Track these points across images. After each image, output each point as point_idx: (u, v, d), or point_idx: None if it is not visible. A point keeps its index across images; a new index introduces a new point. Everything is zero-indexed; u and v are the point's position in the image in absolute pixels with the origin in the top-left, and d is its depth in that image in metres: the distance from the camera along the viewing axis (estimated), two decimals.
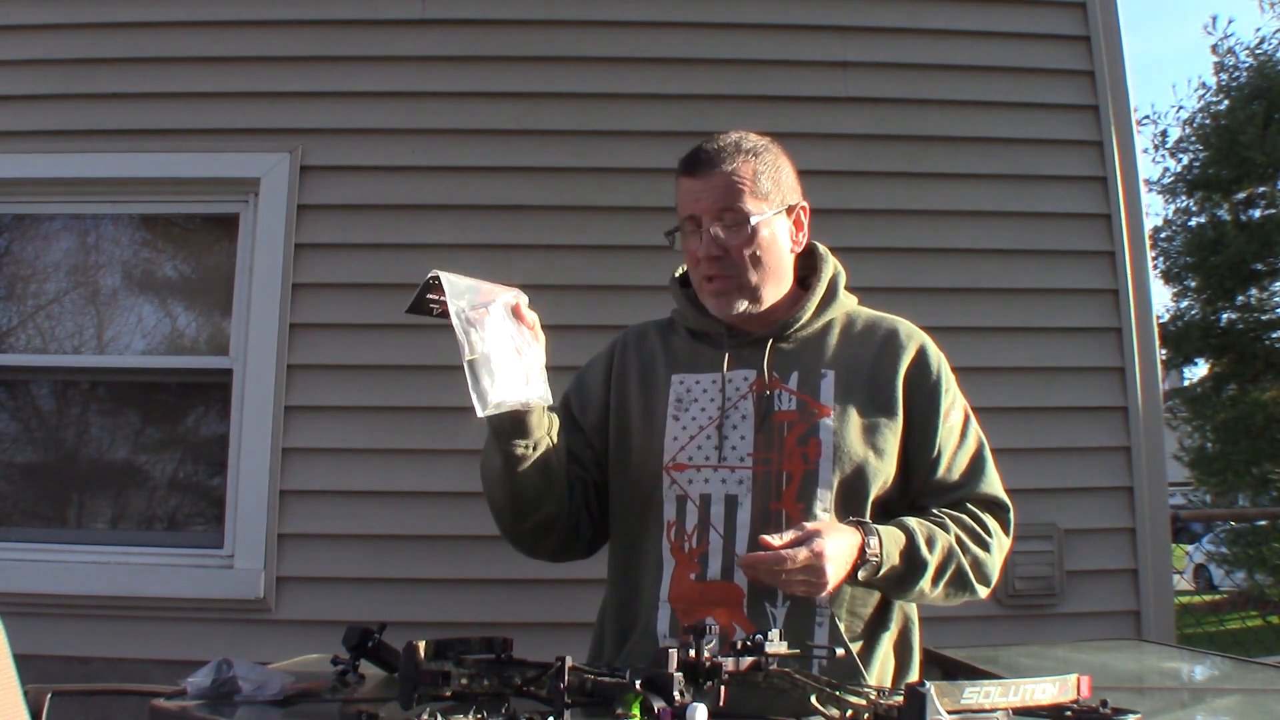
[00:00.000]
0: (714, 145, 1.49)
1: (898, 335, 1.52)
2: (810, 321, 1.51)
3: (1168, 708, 1.54)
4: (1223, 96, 10.55)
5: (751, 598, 1.37)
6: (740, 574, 1.37)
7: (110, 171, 2.99)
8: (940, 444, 1.47)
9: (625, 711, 0.99)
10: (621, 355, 1.59)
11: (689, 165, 1.49)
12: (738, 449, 1.44)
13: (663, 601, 1.42)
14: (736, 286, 1.47)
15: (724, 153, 1.47)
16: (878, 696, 1.05)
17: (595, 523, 1.57)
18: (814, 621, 1.37)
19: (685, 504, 1.44)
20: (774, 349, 1.49)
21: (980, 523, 1.46)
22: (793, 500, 1.40)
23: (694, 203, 1.47)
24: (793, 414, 1.44)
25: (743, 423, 1.45)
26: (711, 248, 1.45)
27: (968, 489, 1.48)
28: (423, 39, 3.05)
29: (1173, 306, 11.00)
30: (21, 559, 2.80)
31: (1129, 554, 2.87)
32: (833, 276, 1.56)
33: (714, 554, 1.40)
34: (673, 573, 1.43)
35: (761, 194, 1.46)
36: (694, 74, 3.06)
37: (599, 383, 1.58)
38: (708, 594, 1.40)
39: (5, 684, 1.69)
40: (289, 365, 2.86)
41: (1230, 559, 9.11)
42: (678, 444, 1.46)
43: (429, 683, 1.16)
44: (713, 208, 1.45)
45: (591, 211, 2.96)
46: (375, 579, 2.76)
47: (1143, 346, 2.95)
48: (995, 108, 3.09)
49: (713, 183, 1.45)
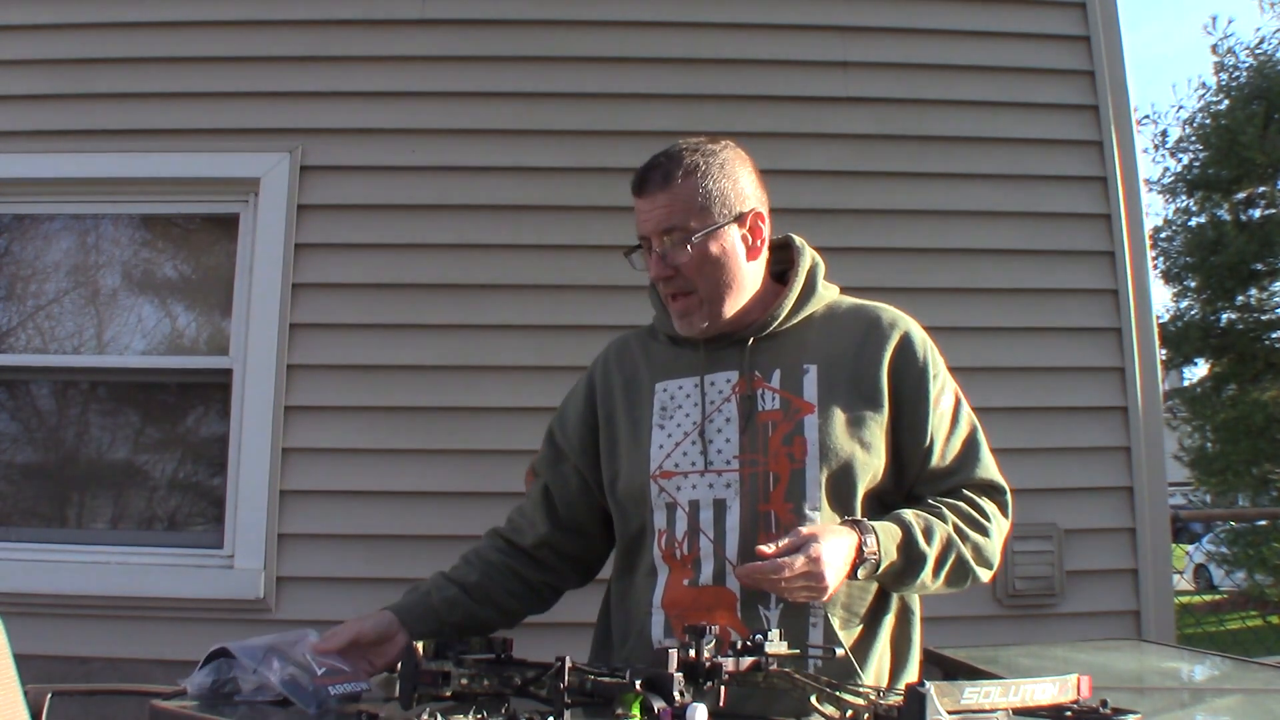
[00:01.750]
0: (657, 161, 1.47)
1: (880, 323, 1.49)
2: (789, 317, 1.49)
3: (1168, 708, 1.54)
4: (1223, 96, 10.55)
5: (744, 601, 1.37)
6: (732, 578, 1.37)
7: (110, 171, 2.99)
8: (932, 432, 1.45)
9: (625, 711, 0.99)
10: (604, 373, 1.58)
11: (635, 185, 1.48)
12: (723, 452, 1.42)
13: (656, 608, 1.42)
14: (696, 304, 1.45)
15: (666, 170, 1.44)
16: (877, 697, 1.05)
17: (610, 538, 1.57)
18: (808, 622, 1.37)
19: (675, 511, 1.43)
20: (754, 347, 1.47)
21: (977, 508, 1.44)
22: (781, 501, 1.39)
23: (641, 222, 1.47)
24: (776, 413, 1.43)
25: (727, 425, 1.43)
26: (661, 268, 1.44)
27: (963, 475, 1.46)
28: (423, 39, 3.05)
29: (1173, 306, 11.02)
30: (21, 559, 2.80)
31: (1129, 554, 2.87)
32: (810, 269, 1.53)
33: (705, 559, 1.39)
34: (666, 579, 1.43)
35: (705, 207, 1.44)
36: (694, 74, 3.07)
37: (579, 410, 1.58)
38: (701, 599, 1.39)
39: (5, 684, 1.69)
40: (289, 365, 2.86)
41: (1230, 559, 9.11)
42: (664, 451, 1.45)
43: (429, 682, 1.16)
44: (657, 229, 1.44)
45: (591, 211, 2.96)
46: (375, 579, 2.76)
47: (1143, 346, 2.95)
48: (995, 108, 3.09)
49: (656, 202, 1.44)
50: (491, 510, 2.72)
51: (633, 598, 1.48)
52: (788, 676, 1.10)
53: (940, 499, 1.44)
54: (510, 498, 1.52)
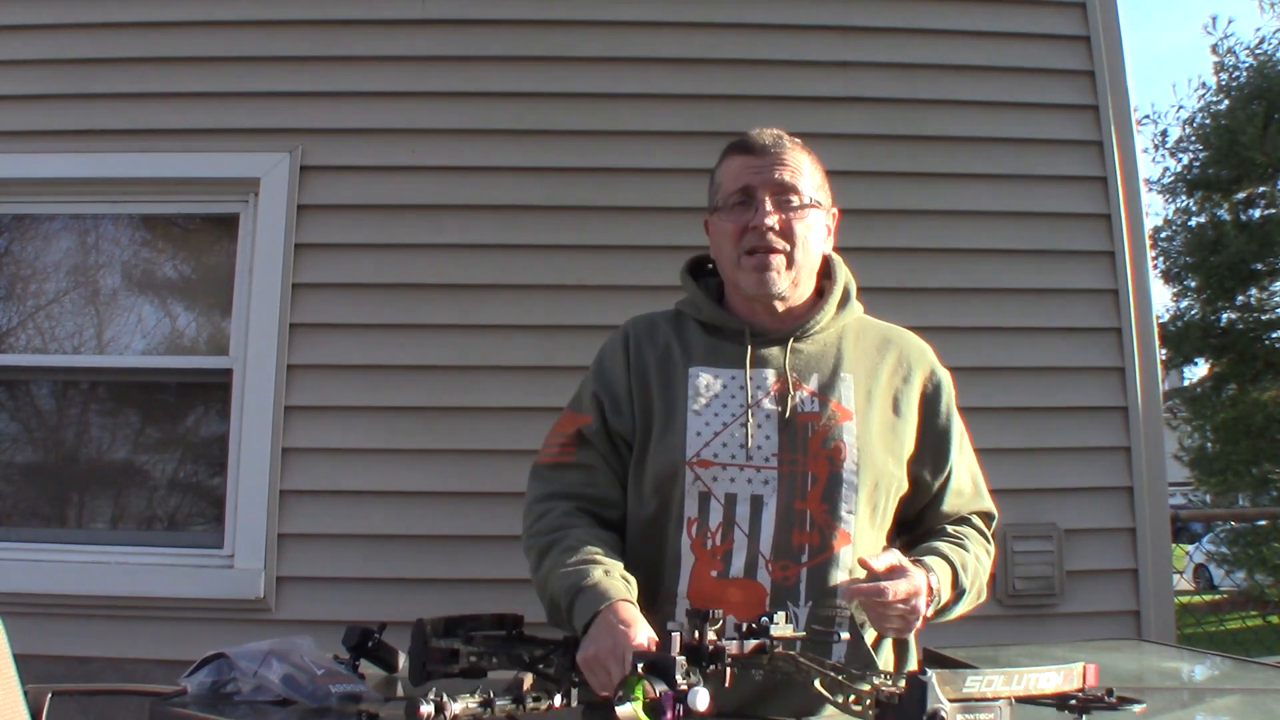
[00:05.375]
0: (773, 132, 1.53)
1: (912, 352, 1.56)
2: (829, 325, 1.54)
3: (1168, 708, 1.54)
4: (1223, 96, 10.53)
5: (774, 597, 1.38)
6: (763, 572, 1.38)
7: (110, 171, 2.99)
8: (952, 465, 1.52)
9: (627, 694, 0.98)
10: (637, 347, 1.55)
11: (744, 145, 1.52)
12: (763, 448, 1.43)
13: (681, 597, 1.42)
14: (784, 264, 1.47)
15: (782, 141, 1.52)
16: (881, 682, 1.05)
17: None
18: (834, 620, 1.39)
19: (709, 500, 1.43)
20: (792, 349, 1.50)
21: (983, 534, 1.54)
22: (817, 501, 1.41)
23: (751, 174, 1.49)
24: (815, 415, 1.45)
25: (766, 422, 1.44)
26: (768, 218, 1.46)
27: (970, 504, 1.56)
28: (423, 39, 3.05)
29: (1173, 306, 11.00)
30: (21, 559, 2.80)
31: (1129, 554, 2.87)
32: (846, 282, 1.59)
33: (738, 551, 1.40)
34: (692, 569, 1.42)
35: (812, 183, 1.51)
36: (694, 74, 3.06)
37: (623, 379, 1.54)
38: (728, 591, 1.39)
39: (5, 684, 1.69)
40: (289, 365, 2.86)
41: (1230, 559, 9.09)
42: (701, 439, 1.45)
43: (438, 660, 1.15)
44: (773, 181, 1.48)
45: (591, 211, 2.96)
46: (375, 579, 2.76)
47: (1143, 346, 2.95)
48: (995, 108, 3.09)
49: (777, 159, 1.49)
50: (491, 510, 2.75)
51: (653, 585, 1.45)
52: (792, 660, 1.10)
53: (958, 529, 1.52)
54: (510, 498, 1.51)
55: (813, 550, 1.39)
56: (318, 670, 1.35)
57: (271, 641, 1.38)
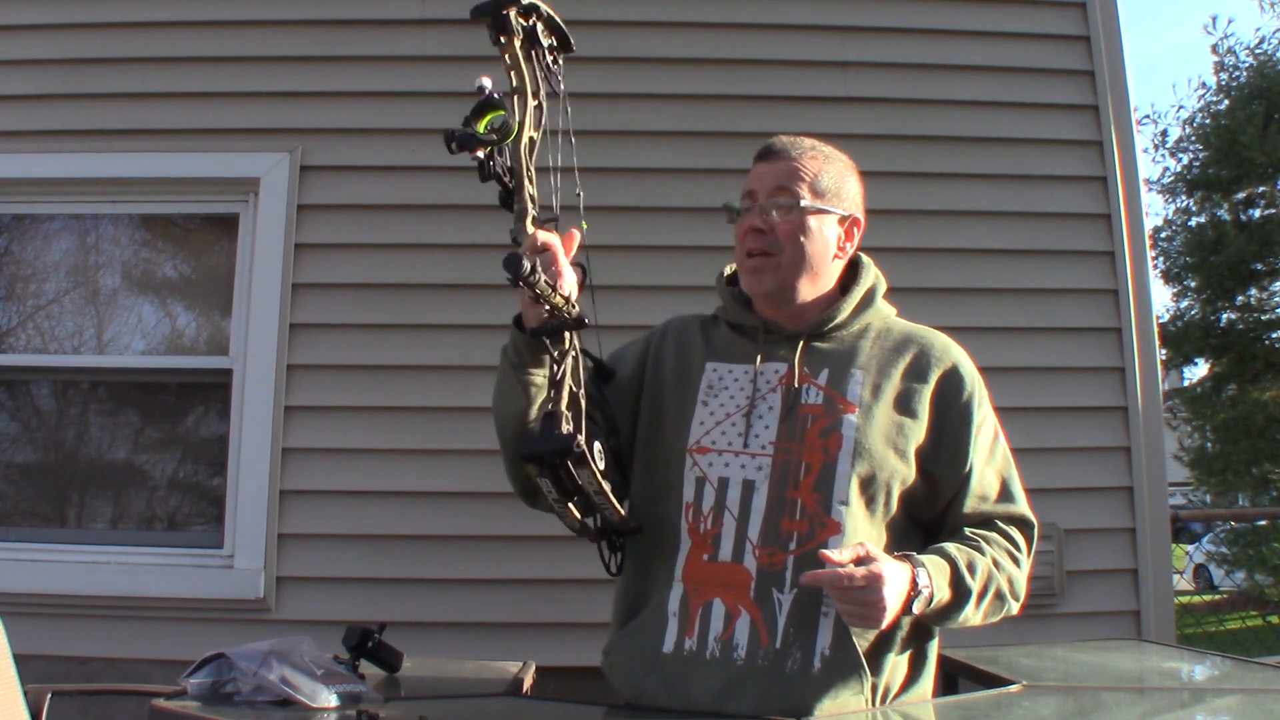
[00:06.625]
0: (790, 138, 1.57)
1: (933, 349, 1.56)
2: (846, 323, 1.55)
3: (1168, 708, 1.54)
4: (1223, 96, 10.53)
5: (759, 582, 1.39)
6: (750, 557, 1.40)
7: (110, 171, 2.99)
8: (972, 463, 1.50)
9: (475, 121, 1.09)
10: (660, 339, 1.63)
11: (761, 151, 1.57)
12: (760, 437, 1.46)
13: (676, 580, 1.44)
14: (773, 266, 1.51)
15: (797, 146, 1.55)
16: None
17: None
18: (819, 611, 1.38)
19: (703, 485, 1.46)
20: (807, 346, 1.52)
21: (1011, 540, 1.50)
22: (809, 490, 1.42)
23: (755, 179, 1.55)
24: (818, 408, 1.47)
25: (769, 413, 1.48)
26: (757, 220, 1.51)
27: (997, 507, 1.52)
28: (423, 39, 3.05)
29: (1173, 306, 10.99)
30: (21, 559, 2.80)
31: (1129, 554, 2.87)
32: (872, 284, 1.61)
33: (726, 536, 1.42)
34: (688, 552, 1.45)
35: (819, 190, 1.52)
36: (694, 74, 3.06)
37: (635, 356, 1.62)
38: (717, 575, 1.41)
39: (5, 684, 1.69)
40: (289, 365, 2.86)
41: (1230, 559, 9.09)
42: (703, 428, 1.49)
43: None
44: (769, 186, 1.52)
45: (591, 211, 2.95)
46: (375, 579, 2.77)
47: (1143, 346, 2.95)
48: (995, 108, 3.09)
49: (776, 166, 1.53)
50: (491, 510, 2.75)
51: (651, 568, 1.48)
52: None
53: (977, 531, 1.49)
54: (510, 498, 1.51)
55: (801, 538, 1.40)
56: (318, 670, 1.35)
57: (271, 642, 1.38)
